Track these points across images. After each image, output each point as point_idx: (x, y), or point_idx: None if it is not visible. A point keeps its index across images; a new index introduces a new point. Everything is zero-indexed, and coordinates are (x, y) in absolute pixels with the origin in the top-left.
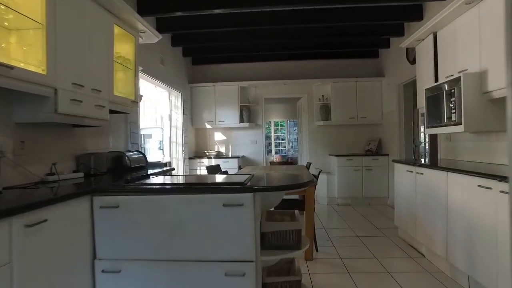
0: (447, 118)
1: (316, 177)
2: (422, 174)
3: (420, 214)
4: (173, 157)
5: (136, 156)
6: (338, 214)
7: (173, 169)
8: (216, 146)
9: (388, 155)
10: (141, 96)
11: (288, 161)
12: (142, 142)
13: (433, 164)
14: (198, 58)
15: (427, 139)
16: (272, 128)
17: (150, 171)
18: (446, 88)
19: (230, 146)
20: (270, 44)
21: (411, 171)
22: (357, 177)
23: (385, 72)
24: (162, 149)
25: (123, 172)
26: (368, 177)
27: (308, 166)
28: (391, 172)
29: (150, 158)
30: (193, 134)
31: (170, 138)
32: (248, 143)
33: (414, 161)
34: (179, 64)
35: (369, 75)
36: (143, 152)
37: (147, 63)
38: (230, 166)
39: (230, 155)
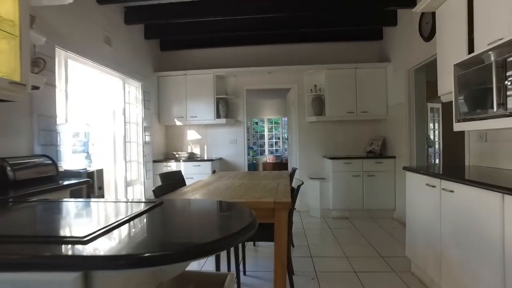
0: (498, 104)
1: (295, 191)
2: (452, 192)
3: (448, 251)
4: (130, 160)
5: (32, 164)
6: (332, 233)
7: (88, 181)
8: (189, 147)
9: (394, 157)
10: (44, 79)
11: (282, 162)
12: (59, 143)
13: (458, 174)
14: (167, 42)
15: (436, 139)
16: (266, 126)
17: (65, 183)
18: (494, 58)
19: (205, 146)
20: (253, 25)
21: (433, 186)
22: (356, 185)
23: (390, 55)
24: (87, 152)
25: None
26: (370, 185)
27: (292, 172)
28: (399, 179)
29: (82, 165)
30: (162, 132)
31: (125, 137)
32: (226, 143)
33: (437, 172)
34: (138, 47)
35: (371, 60)
36: (51, 157)
37: (79, 39)
38: (202, 171)
39: (205, 157)
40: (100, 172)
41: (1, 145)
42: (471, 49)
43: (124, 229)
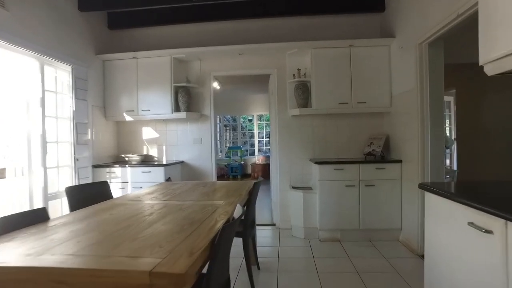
0: None
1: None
2: None
3: None
4: (58, 165)
5: None
6: (315, 267)
7: None
8: (144, 148)
9: (401, 162)
10: None
11: None
12: None
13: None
14: (117, 19)
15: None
16: (255, 123)
17: None
18: None
19: (164, 147)
20: None
21: (488, 231)
22: (351, 198)
23: (395, 29)
24: None
25: None
26: (368, 197)
27: (258, 183)
28: (407, 190)
29: None
30: (111, 130)
31: (44, 136)
32: (190, 142)
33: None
34: (65, 20)
35: (370, 36)
36: None
37: None
38: (153, 178)
39: (164, 160)
40: None
41: None
42: None
43: None
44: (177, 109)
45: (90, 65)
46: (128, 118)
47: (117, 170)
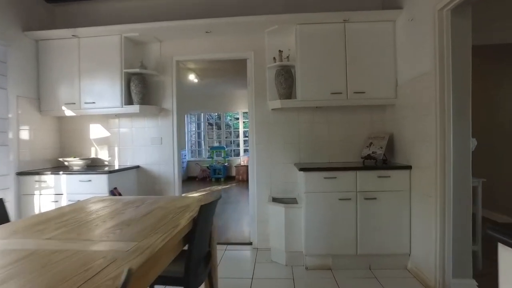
0: None
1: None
2: None
3: None
4: None
5: None
6: None
7: None
8: (93, 149)
9: (410, 168)
10: None
11: None
12: None
13: None
14: None
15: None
16: (241, 120)
17: None
18: None
19: (117, 148)
20: None
21: None
22: (346, 214)
23: None
24: None
25: None
26: (368, 214)
27: (207, 206)
28: (418, 205)
29: None
30: (48, 127)
31: None
32: (147, 143)
33: None
34: None
35: (369, 8)
36: None
37: None
38: (95, 189)
39: (117, 165)
40: None
41: None
42: None
43: None
44: (129, 101)
45: (13, 44)
46: (68, 112)
47: (48, 178)
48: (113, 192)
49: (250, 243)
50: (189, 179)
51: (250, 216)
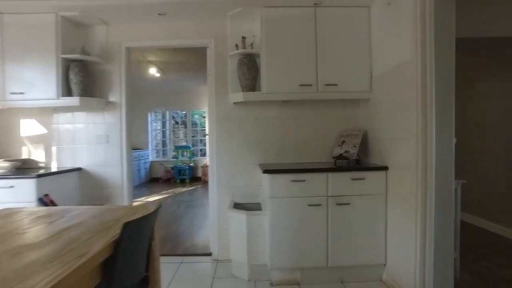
0: None
1: None
2: None
3: None
4: None
5: None
6: None
7: None
8: (24, 149)
9: (386, 168)
10: None
11: None
12: None
13: None
14: None
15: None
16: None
17: None
18: None
19: (55, 148)
20: None
21: None
22: (316, 222)
23: None
24: None
25: None
26: (341, 221)
27: (132, 224)
28: (394, 210)
29: None
30: None
31: None
32: (91, 141)
33: None
34: None
35: None
36: None
37: None
38: (18, 197)
39: (54, 167)
40: None
41: None
42: None
43: None
44: (68, 92)
45: None
46: None
47: None
48: (43, 200)
49: (210, 254)
50: (152, 181)
51: (210, 223)
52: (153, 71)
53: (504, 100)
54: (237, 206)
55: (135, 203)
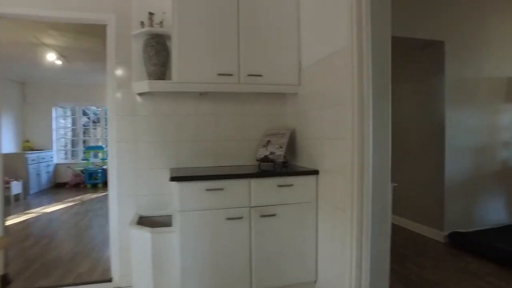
0: None
1: None
2: None
3: None
4: None
5: None
6: None
7: None
8: None
9: (317, 173)
10: None
11: None
12: None
13: None
14: None
15: None
16: None
17: None
18: None
19: None
20: None
21: None
22: (237, 238)
23: None
24: None
25: None
26: (266, 236)
27: None
28: (326, 220)
29: None
30: None
31: None
32: None
33: None
34: None
35: None
36: None
37: None
38: None
39: None
40: None
41: None
42: None
43: None
44: None
45: None
46: None
47: None
48: None
49: (110, 280)
50: (58, 186)
51: (111, 242)
52: (52, 58)
53: (417, 102)
54: (143, 220)
55: (9, 221)
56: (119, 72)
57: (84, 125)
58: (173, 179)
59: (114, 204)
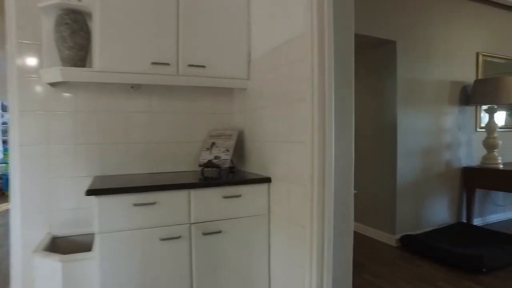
0: None
1: None
2: None
3: None
4: None
5: None
6: None
7: None
8: None
9: (269, 180)
10: None
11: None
12: None
13: None
14: None
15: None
16: None
17: None
18: None
19: None
20: None
21: None
22: (173, 262)
23: None
24: None
25: None
26: (209, 258)
27: None
28: (280, 236)
29: None
30: None
31: None
32: None
33: None
34: None
35: None
36: None
37: None
38: None
39: None
40: None
41: None
42: None
43: None
44: None
45: None
46: None
47: None
48: None
49: None
50: None
51: (12, 276)
52: None
53: (370, 103)
54: (58, 241)
55: None
56: (23, 56)
57: (4, 123)
58: (90, 192)
59: (16, 222)
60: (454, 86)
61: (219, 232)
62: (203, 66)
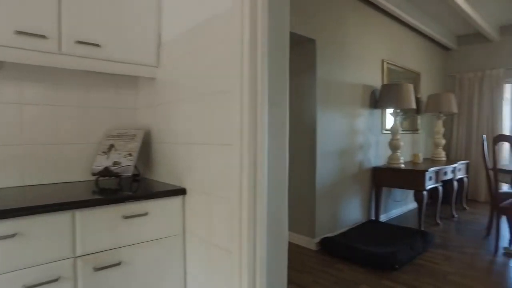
0: None
1: None
2: None
3: None
4: None
5: None
6: None
7: None
8: None
9: (184, 192)
10: None
11: None
12: None
13: None
14: None
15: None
16: None
17: None
18: None
19: None
20: None
21: None
22: None
23: None
24: None
25: None
26: None
27: None
28: (197, 261)
29: None
30: None
31: None
32: None
33: None
34: None
35: None
36: None
37: None
38: None
39: None
40: None
41: None
42: None
43: None
44: None
45: None
46: None
47: None
48: None
49: None
50: None
51: None
52: None
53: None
54: None
55: None
56: None
57: None
58: None
59: None
60: (366, 89)
61: (118, 264)
62: (97, 45)
